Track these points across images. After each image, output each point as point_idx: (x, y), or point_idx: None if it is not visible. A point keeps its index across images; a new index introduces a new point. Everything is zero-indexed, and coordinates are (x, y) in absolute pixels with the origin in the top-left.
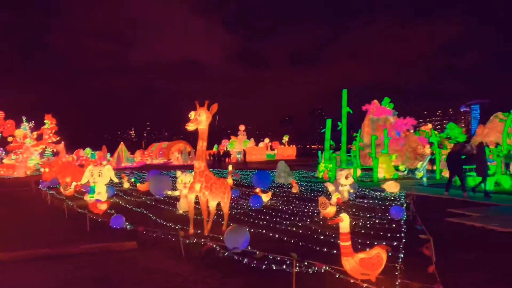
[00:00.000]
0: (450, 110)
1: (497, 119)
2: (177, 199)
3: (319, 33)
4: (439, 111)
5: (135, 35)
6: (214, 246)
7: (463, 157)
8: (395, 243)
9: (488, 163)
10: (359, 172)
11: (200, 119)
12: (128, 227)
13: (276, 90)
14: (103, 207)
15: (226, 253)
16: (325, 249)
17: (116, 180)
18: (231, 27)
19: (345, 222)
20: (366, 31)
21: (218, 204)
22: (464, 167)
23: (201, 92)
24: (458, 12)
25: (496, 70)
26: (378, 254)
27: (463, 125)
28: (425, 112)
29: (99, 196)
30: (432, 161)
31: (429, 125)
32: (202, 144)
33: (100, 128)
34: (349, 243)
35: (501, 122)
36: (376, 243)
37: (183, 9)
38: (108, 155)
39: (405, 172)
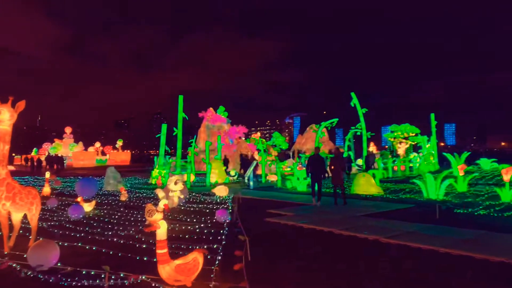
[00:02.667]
0: (277, 120)
1: (312, 130)
2: None
3: (158, 36)
4: (268, 121)
5: None
6: (14, 265)
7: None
8: (215, 246)
9: (305, 168)
10: (192, 178)
11: (1, 118)
12: None
13: (111, 90)
14: None
15: (29, 272)
16: (146, 258)
17: None
18: (58, 17)
19: (161, 229)
20: (205, 41)
21: (26, 217)
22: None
23: (18, 87)
24: (284, 33)
25: (313, 87)
26: (195, 258)
27: (287, 134)
28: (256, 122)
29: None
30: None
31: (258, 134)
32: (3, 147)
33: None
34: (165, 250)
35: (314, 132)
36: (196, 247)
37: None
38: None
39: (236, 177)
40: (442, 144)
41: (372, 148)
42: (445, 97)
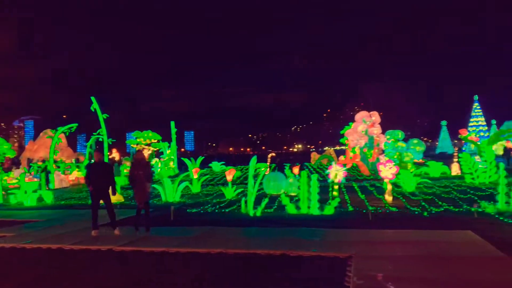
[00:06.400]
0: (3, 124)
1: (46, 136)
2: None
3: None
4: None
5: None
6: None
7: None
8: None
9: (36, 179)
10: None
11: None
12: None
13: None
14: None
15: None
16: None
17: None
18: None
19: None
20: None
21: None
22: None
23: None
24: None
25: (54, 86)
26: None
27: (16, 140)
28: None
29: None
30: None
31: None
32: None
33: None
34: None
35: (49, 138)
36: None
37: None
38: None
39: None
40: (183, 150)
41: (115, 154)
42: (185, 107)
